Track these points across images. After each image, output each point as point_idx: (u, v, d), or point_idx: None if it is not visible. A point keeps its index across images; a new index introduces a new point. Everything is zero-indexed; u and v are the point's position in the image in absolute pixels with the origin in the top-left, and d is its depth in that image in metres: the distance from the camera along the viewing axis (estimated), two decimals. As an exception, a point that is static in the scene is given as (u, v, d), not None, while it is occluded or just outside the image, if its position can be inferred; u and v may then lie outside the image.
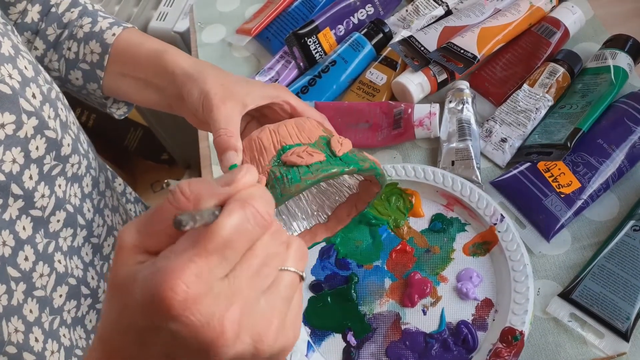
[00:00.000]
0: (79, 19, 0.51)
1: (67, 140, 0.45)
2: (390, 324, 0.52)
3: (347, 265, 0.55)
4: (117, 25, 0.51)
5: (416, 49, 0.65)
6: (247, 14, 0.83)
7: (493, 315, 0.51)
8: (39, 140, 0.41)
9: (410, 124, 0.61)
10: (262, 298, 0.24)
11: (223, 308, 0.22)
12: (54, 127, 0.43)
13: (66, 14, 0.51)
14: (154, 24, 1.20)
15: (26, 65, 0.41)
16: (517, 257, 0.51)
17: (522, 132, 0.60)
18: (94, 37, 0.50)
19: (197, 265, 0.22)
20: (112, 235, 0.53)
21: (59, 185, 0.44)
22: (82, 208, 0.48)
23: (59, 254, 0.44)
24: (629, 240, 0.51)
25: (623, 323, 0.47)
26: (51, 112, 0.43)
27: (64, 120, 0.45)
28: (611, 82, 0.59)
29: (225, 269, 0.23)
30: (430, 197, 0.58)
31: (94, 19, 0.51)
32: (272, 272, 0.25)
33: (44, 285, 0.42)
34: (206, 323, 0.22)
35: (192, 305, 0.22)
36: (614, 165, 0.55)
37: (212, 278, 0.22)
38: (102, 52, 0.50)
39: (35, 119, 0.40)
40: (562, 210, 0.54)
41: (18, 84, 0.39)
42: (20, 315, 0.40)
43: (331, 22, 0.72)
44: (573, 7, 0.66)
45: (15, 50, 0.41)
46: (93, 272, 0.49)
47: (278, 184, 0.35)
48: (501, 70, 0.65)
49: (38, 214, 0.42)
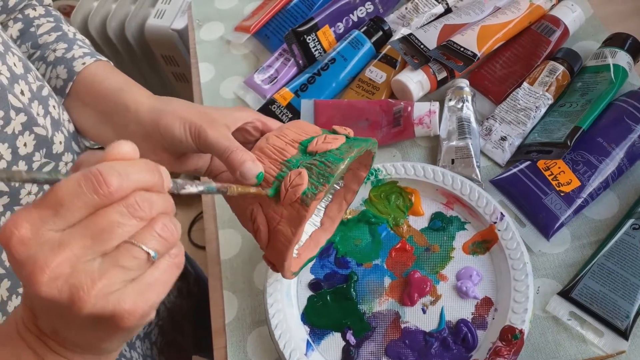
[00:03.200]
0: (54, 42, 0.50)
1: (58, 138, 0.44)
2: (389, 323, 0.52)
3: (347, 263, 0.55)
4: (90, 56, 0.50)
5: (416, 47, 0.65)
6: (245, 11, 0.83)
7: (493, 313, 0.50)
8: (28, 137, 0.41)
9: (410, 122, 0.60)
10: (96, 260, 0.26)
11: (45, 253, 0.25)
12: (44, 124, 0.42)
13: (44, 35, 0.51)
14: (151, 21, 1.20)
15: (15, 62, 0.41)
16: (516, 255, 0.51)
17: (522, 131, 0.60)
18: (62, 63, 0.49)
19: (30, 214, 0.25)
20: None
21: None
22: None
23: None
24: (629, 238, 0.51)
25: (622, 321, 0.47)
26: (40, 110, 0.42)
27: (56, 118, 0.44)
28: (611, 80, 0.59)
29: (59, 225, 0.26)
30: (430, 196, 0.58)
31: (70, 46, 0.50)
32: (112, 239, 0.26)
33: None
34: (25, 260, 0.25)
35: (17, 244, 0.25)
36: (613, 164, 0.55)
37: (42, 227, 0.25)
38: (67, 78, 0.48)
39: (23, 115, 0.40)
40: (561, 209, 0.54)
41: (7, 80, 0.39)
42: (4, 312, 0.40)
43: (330, 19, 0.71)
44: (573, 6, 0.66)
45: (5, 47, 0.41)
46: None
47: (323, 170, 0.36)
48: (501, 69, 0.65)
49: None
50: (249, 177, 0.37)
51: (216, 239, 0.62)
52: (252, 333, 0.54)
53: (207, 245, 0.62)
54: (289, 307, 0.53)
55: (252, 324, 0.55)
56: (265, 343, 0.53)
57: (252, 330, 0.54)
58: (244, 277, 0.58)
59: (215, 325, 0.56)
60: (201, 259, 0.83)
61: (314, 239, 0.46)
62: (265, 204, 0.37)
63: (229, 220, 0.62)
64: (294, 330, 0.51)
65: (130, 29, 1.23)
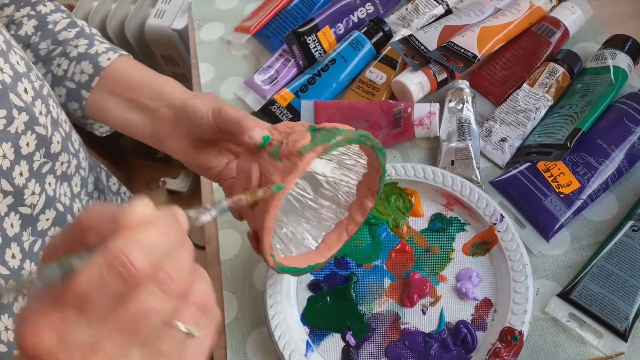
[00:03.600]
0: (75, 39, 0.51)
1: (57, 138, 0.44)
2: (389, 324, 0.52)
3: (347, 264, 0.55)
4: (113, 51, 0.51)
5: (416, 48, 0.65)
6: (246, 11, 0.83)
7: (492, 315, 0.51)
8: (30, 136, 0.41)
9: (410, 123, 0.60)
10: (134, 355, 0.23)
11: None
12: (45, 123, 0.42)
13: (62, 32, 0.52)
14: (151, 21, 1.20)
15: (18, 60, 0.41)
16: (516, 257, 0.51)
17: (521, 132, 0.60)
18: (87, 59, 0.50)
19: (51, 318, 0.22)
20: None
21: (49, 184, 0.44)
22: (72, 208, 0.48)
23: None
24: (628, 240, 0.51)
25: (621, 323, 0.47)
26: (43, 109, 0.42)
27: (55, 117, 0.45)
28: (611, 82, 0.59)
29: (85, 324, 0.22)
30: (429, 197, 0.58)
31: (91, 41, 0.51)
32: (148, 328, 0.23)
33: None
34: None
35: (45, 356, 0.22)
36: (613, 166, 0.55)
37: (68, 332, 0.22)
38: (93, 73, 0.50)
39: (25, 115, 0.40)
40: (561, 210, 0.54)
41: (10, 78, 0.39)
42: (10, 314, 0.40)
43: (331, 20, 0.71)
44: (573, 7, 0.66)
45: (7, 45, 0.41)
46: None
47: (326, 136, 0.36)
48: (501, 70, 0.65)
49: (27, 212, 0.42)
50: (256, 138, 0.37)
51: (216, 239, 0.62)
52: (252, 334, 0.54)
53: (207, 245, 0.62)
54: (288, 308, 0.53)
55: (251, 325, 0.55)
56: (265, 344, 0.53)
57: (252, 331, 0.55)
58: (244, 278, 0.58)
59: (215, 326, 0.56)
60: (200, 259, 0.83)
61: (304, 257, 0.46)
62: (264, 161, 0.37)
63: (229, 220, 0.62)
64: (293, 331, 0.51)
65: (130, 29, 1.23)
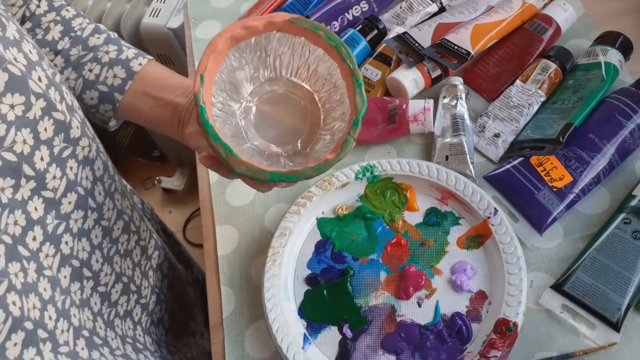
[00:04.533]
0: (104, 45, 0.54)
1: (75, 123, 0.46)
2: (385, 316, 0.52)
3: (343, 258, 0.56)
4: (142, 56, 0.54)
5: (410, 45, 0.65)
6: (242, 9, 0.83)
7: (487, 306, 0.51)
8: (47, 121, 0.42)
9: (405, 120, 0.61)
10: None
11: None
12: (62, 109, 0.43)
13: (91, 38, 0.54)
14: (146, 20, 1.20)
15: (30, 49, 0.42)
16: (510, 249, 0.52)
17: (514, 127, 0.61)
18: (119, 64, 0.53)
19: None
20: (121, 219, 0.54)
21: (70, 168, 0.45)
22: (94, 191, 0.49)
23: (68, 236, 0.45)
24: (620, 232, 0.52)
25: (614, 314, 0.48)
26: (57, 96, 0.43)
27: (69, 104, 0.46)
28: (602, 78, 0.60)
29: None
30: (424, 191, 0.58)
31: (119, 47, 0.54)
32: None
33: (50, 266, 0.43)
34: None
35: None
36: (605, 160, 0.55)
37: None
38: (126, 77, 0.52)
39: (43, 101, 0.41)
40: (554, 204, 0.54)
41: (24, 67, 0.40)
42: (37, 293, 0.41)
43: (326, 18, 0.72)
44: (565, 5, 0.67)
45: (20, 34, 0.42)
46: (99, 255, 0.50)
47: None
48: (494, 67, 0.66)
49: (50, 195, 0.43)
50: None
51: (213, 235, 0.62)
52: (249, 327, 0.55)
53: (205, 240, 0.62)
54: (286, 302, 0.53)
55: (249, 319, 0.55)
56: (262, 337, 0.54)
57: (250, 325, 0.55)
58: (241, 273, 0.58)
59: (212, 320, 0.57)
60: (197, 256, 0.84)
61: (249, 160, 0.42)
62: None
63: (226, 215, 0.63)
64: (291, 324, 0.52)
65: (126, 27, 1.23)
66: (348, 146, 0.40)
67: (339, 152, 0.40)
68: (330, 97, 0.43)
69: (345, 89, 0.42)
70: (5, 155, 0.38)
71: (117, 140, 1.60)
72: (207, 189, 0.66)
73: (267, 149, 0.44)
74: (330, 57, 0.42)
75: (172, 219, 1.69)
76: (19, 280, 0.39)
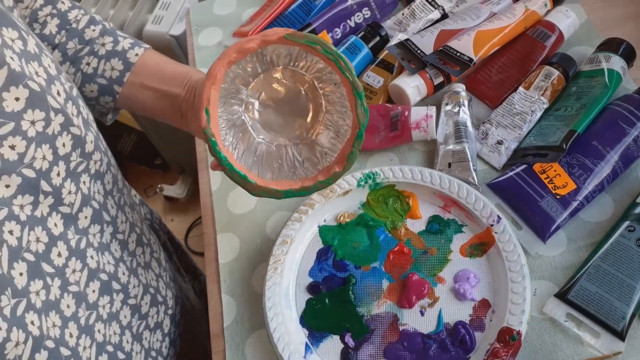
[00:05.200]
0: (100, 37, 0.54)
1: (90, 137, 0.46)
2: (388, 325, 0.52)
3: (345, 266, 0.56)
4: (138, 46, 0.54)
5: (413, 52, 0.65)
6: (244, 16, 0.83)
7: (490, 315, 0.51)
8: (65, 137, 0.42)
9: (407, 127, 0.61)
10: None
11: None
12: (78, 124, 0.44)
13: (87, 30, 0.54)
14: (149, 27, 1.21)
15: (49, 63, 0.42)
16: (513, 257, 0.51)
17: (517, 135, 0.61)
18: (116, 56, 0.53)
19: None
20: (134, 231, 0.54)
21: (84, 182, 0.45)
22: (106, 205, 0.49)
23: (91, 250, 0.46)
24: (624, 240, 0.51)
25: (619, 323, 0.48)
26: (74, 110, 0.44)
27: (85, 117, 0.46)
28: (605, 84, 0.59)
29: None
30: (427, 199, 0.58)
31: (115, 38, 0.54)
32: None
33: (77, 281, 0.43)
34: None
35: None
36: (608, 167, 0.55)
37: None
38: (123, 69, 0.52)
39: (61, 116, 0.41)
40: (557, 212, 0.54)
41: (44, 81, 0.40)
42: (57, 310, 0.41)
43: (328, 25, 0.72)
44: (567, 11, 0.67)
45: (39, 48, 0.42)
46: (124, 268, 0.50)
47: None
48: (497, 73, 0.66)
49: (67, 211, 0.43)
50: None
51: (214, 243, 0.62)
52: (251, 336, 0.55)
53: (206, 249, 0.62)
54: (287, 310, 0.53)
55: (250, 327, 0.55)
56: (264, 346, 0.53)
57: (251, 334, 0.55)
58: (243, 281, 0.58)
59: (213, 329, 0.56)
60: (199, 264, 0.83)
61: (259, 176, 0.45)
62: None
63: (228, 224, 0.62)
64: (292, 333, 0.51)
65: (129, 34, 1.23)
66: (354, 158, 0.43)
67: (345, 165, 0.43)
68: (332, 92, 0.44)
69: (345, 92, 0.42)
70: (25, 172, 0.38)
71: (119, 148, 1.61)
72: (208, 196, 0.66)
73: (274, 141, 0.46)
74: (330, 68, 0.42)
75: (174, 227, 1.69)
76: (39, 299, 0.38)
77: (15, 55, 0.38)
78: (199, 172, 0.69)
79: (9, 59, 0.37)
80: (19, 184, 0.38)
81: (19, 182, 0.38)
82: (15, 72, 0.37)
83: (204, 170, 0.69)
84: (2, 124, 0.36)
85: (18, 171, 0.38)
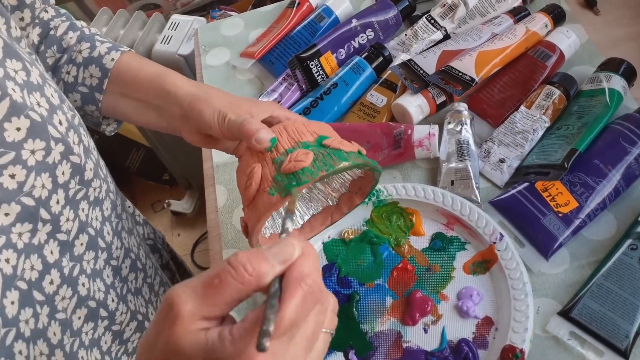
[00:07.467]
0: (77, 44, 0.53)
1: (89, 165, 0.46)
2: (391, 343, 0.52)
3: (349, 283, 0.56)
4: (114, 49, 0.54)
5: (415, 72, 0.66)
6: (250, 37, 0.85)
7: (493, 333, 0.51)
8: (65, 165, 0.42)
9: (410, 145, 0.62)
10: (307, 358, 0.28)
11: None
12: (78, 152, 0.44)
13: (65, 37, 0.53)
14: (158, 47, 1.23)
15: (52, 93, 0.43)
16: (516, 275, 0.52)
17: (519, 153, 0.61)
18: (93, 62, 0.52)
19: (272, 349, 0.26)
20: (128, 257, 0.54)
21: (82, 209, 0.45)
22: (103, 231, 0.49)
23: (83, 277, 0.45)
24: (627, 259, 0.51)
25: (622, 341, 0.48)
26: (75, 138, 0.44)
27: (86, 145, 0.46)
28: (606, 104, 0.60)
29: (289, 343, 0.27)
30: (430, 216, 0.59)
31: (92, 43, 0.53)
32: (318, 336, 0.29)
33: (64, 308, 0.43)
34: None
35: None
36: (610, 185, 0.56)
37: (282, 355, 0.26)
38: (101, 76, 0.52)
39: (61, 145, 0.41)
40: (560, 229, 0.54)
41: (46, 111, 0.40)
42: (45, 338, 0.40)
43: (333, 46, 0.73)
44: (568, 32, 0.68)
45: (42, 78, 0.42)
46: (113, 295, 0.50)
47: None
48: (499, 93, 0.67)
49: (64, 238, 0.43)
50: (263, 141, 0.39)
51: (220, 258, 0.62)
52: (255, 353, 0.55)
53: (212, 265, 0.63)
54: (291, 327, 0.53)
55: (255, 344, 0.55)
56: (268, 362, 0.54)
57: (255, 350, 0.55)
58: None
59: (218, 345, 0.56)
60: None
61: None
62: (266, 167, 0.39)
63: (233, 239, 0.63)
64: (296, 349, 0.52)
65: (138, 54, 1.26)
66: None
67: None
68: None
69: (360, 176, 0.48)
70: (24, 200, 0.38)
71: (128, 164, 1.63)
72: (214, 213, 0.67)
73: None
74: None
75: (180, 242, 1.70)
76: (28, 327, 0.38)
77: (17, 87, 0.38)
78: (206, 188, 0.70)
79: (10, 90, 0.37)
80: (18, 212, 0.38)
81: (18, 210, 0.38)
82: (17, 103, 0.37)
83: (210, 187, 0.70)
84: (2, 153, 0.37)
85: (17, 200, 0.38)
